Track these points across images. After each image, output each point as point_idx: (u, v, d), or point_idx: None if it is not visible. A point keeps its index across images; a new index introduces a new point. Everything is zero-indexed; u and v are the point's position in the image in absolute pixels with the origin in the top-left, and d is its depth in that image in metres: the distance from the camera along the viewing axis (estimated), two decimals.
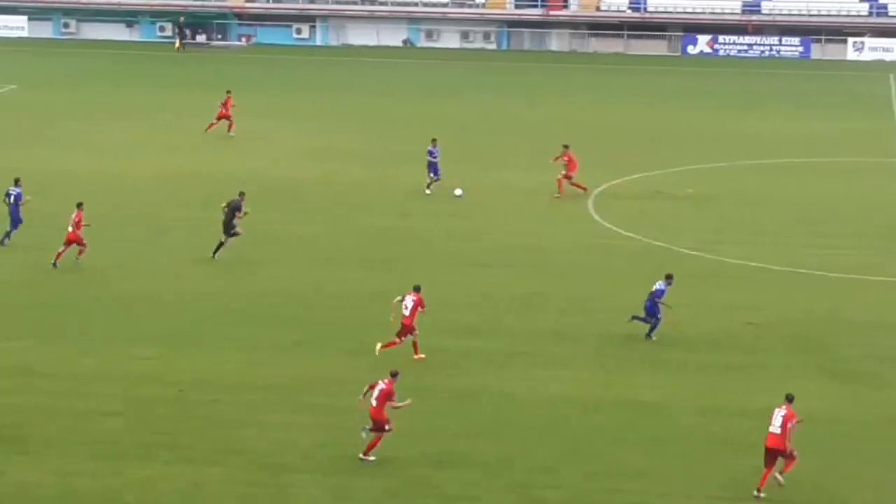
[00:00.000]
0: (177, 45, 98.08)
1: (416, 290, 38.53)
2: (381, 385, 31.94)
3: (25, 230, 48.99)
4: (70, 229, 46.94)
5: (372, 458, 31.78)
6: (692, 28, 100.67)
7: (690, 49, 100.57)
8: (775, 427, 31.01)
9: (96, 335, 40.18)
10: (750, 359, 38.65)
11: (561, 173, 56.33)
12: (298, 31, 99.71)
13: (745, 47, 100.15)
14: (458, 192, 59.37)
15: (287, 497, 30.35)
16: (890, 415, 34.96)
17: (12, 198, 50.09)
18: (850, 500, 30.46)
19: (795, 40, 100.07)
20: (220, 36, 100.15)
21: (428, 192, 56.53)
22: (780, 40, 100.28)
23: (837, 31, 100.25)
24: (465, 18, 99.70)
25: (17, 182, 50.72)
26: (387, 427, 31.82)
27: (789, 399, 31.52)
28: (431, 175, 56.73)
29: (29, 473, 31.22)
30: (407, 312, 38.22)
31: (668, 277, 40.30)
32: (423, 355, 38.16)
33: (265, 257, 47.69)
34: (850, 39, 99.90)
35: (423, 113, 74.54)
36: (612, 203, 55.72)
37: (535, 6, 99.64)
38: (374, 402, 31.81)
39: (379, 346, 38.10)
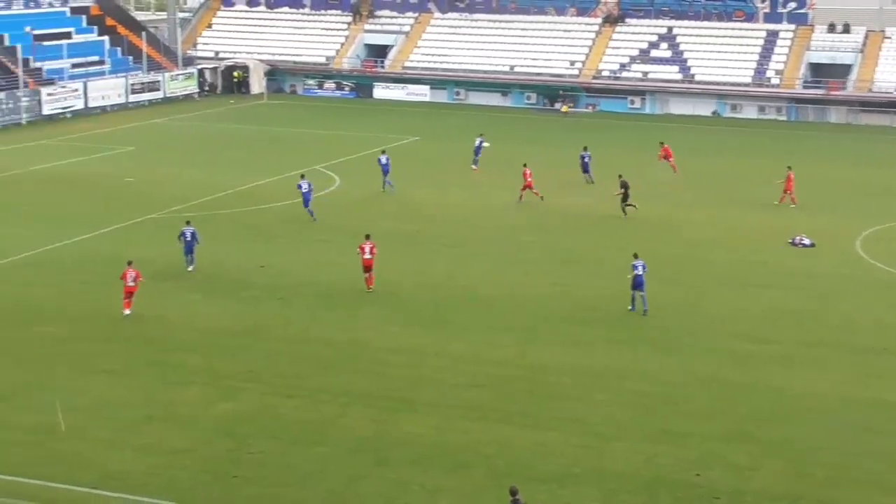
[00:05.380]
0: (563, 109, 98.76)
1: None
2: None
3: (404, 246, 50.45)
4: (529, 180, 59.19)
5: None
6: None
7: None
8: None
9: (465, 326, 40.93)
10: None
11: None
12: (632, 101, 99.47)
13: None
14: (482, 140, 67.94)
15: (608, 458, 30.31)
16: None
17: (305, 186, 55.71)
18: None
19: None
20: (571, 104, 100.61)
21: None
22: None
23: None
24: (762, 95, 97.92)
25: (303, 176, 56.93)
26: None
27: None
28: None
29: (415, 427, 31.98)
30: None
31: None
32: None
33: (599, 273, 47.59)
34: None
35: (728, 168, 73.38)
36: (877, 244, 53.61)
37: (818, 87, 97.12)
38: None
39: None
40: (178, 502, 27.28)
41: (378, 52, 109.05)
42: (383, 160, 63.27)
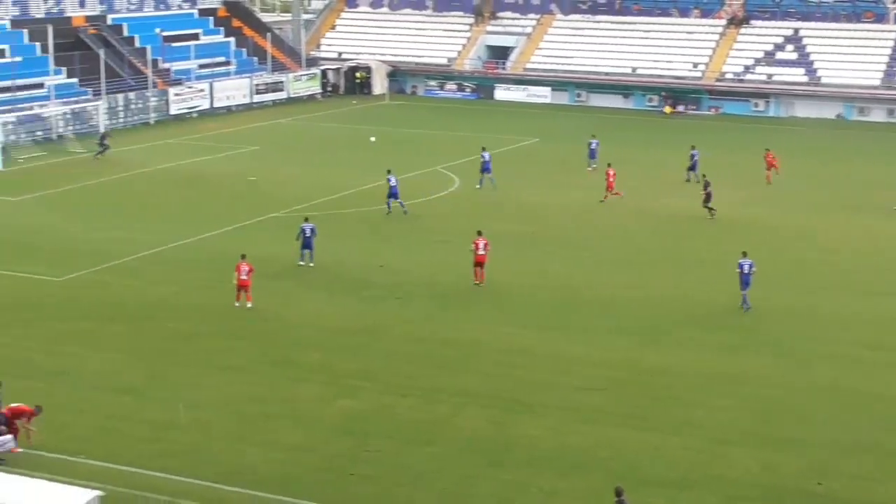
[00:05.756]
0: (666, 110, 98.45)
1: None
2: None
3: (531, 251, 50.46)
4: (611, 180, 60.22)
5: None
6: None
7: None
8: None
9: (582, 329, 40.80)
10: None
11: None
12: (756, 104, 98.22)
13: None
14: (372, 138, 69.39)
15: (726, 464, 30.03)
16: None
17: (393, 180, 56.78)
18: None
19: None
20: (693, 107, 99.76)
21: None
22: None
23: None
24: (892, 98, 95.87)
25: (389, 171, 57.66)
26: None
27: None
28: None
29: (532, 429, 31.99)
30: None
31: None
32: None
33: (716, 275, 46.94)
34: None
35: (853, 172, 72.08)
36: None
37: None
38: None
39: None
40: (296, 498, 27.64)
41: (500, 53, 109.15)
42: (486, 157, 63.97)
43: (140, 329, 39.85)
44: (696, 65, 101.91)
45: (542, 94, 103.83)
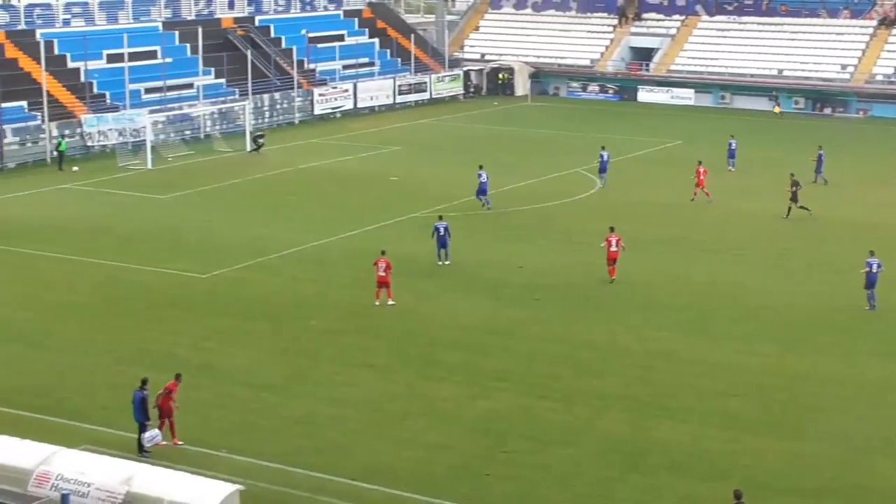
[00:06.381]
0: (775, 110, 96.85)
1: None
2: None
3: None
4: (702, 178, 60.26)
5: None
6: None
7: None
8: None
9: (724, 334, 40.23)
10: None
11: None
12: None
13: None
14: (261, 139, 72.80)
15: (870, 474, 29.32)
16: None
17: (483, 176, 57.50)
18: None
19: None
20: (841, 109, 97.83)
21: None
22: None
23: None
24: None
25: (481, 167, 58.18)
26: None
27: None
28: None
29: (671, 433, 31.64)
30: None
31: None
32: None
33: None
34: None
35: None
36: None
37: None
38: None
39: None
40: (432, 497, 27.74)
41: (643, 54, 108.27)
42: (605, 156, 64.30)
43: (281, 326, 40.42)
44: (844, 66, 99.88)
45: (686, 97, 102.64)
